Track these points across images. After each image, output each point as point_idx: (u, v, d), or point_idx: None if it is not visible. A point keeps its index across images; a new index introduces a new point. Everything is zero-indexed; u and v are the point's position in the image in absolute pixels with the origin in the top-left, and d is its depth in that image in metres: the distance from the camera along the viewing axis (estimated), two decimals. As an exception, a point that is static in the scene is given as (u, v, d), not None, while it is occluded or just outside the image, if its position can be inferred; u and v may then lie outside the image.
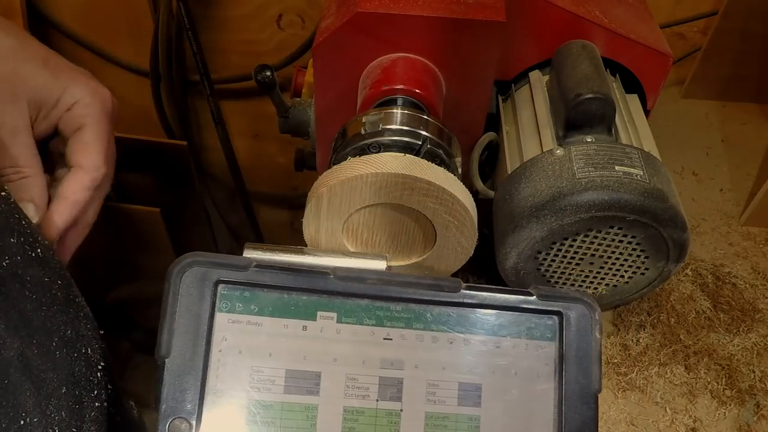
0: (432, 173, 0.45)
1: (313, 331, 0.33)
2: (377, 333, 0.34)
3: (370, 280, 0.34)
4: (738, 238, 0.74)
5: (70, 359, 0.38)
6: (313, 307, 0.33)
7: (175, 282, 0.31)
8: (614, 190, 0.52)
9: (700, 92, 0.94)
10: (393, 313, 0.34)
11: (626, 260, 0.57)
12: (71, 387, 0.37)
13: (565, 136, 0.58)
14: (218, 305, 0.32)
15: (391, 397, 0.33)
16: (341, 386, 0.33)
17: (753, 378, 0.61)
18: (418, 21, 0.59)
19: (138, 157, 1.21)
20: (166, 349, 0.31)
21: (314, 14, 1.03)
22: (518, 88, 0.69)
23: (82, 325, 0.40)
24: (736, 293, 0.68)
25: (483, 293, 0.35)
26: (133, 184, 1.26)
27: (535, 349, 0.35)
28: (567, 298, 0.35)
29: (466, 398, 0.34)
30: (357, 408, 0.33)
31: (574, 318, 0.35)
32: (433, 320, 0.35)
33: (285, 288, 0.33)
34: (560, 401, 0.34)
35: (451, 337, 0.35)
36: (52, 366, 0.36)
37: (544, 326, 0.35)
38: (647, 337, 0.63)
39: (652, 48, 0.64)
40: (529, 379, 0.35)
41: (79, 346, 0.39)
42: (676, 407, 0.59)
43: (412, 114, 0.56)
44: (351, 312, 0.34)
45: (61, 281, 0.40)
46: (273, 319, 0.33)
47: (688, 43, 0.96)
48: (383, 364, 0.34)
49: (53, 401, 0.35)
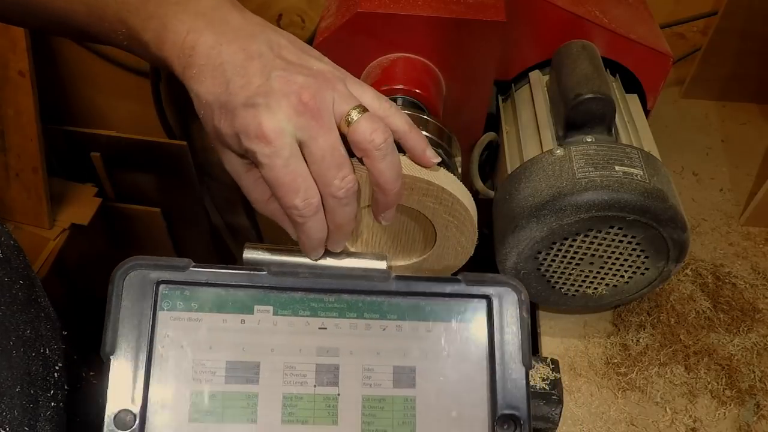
0: (431, 173, 0.45)
1: (251, 324, 0.35)
2: (312, 323, 0.36)
3: (303, 273, 0.36)
4: (738, 238, 0.74)
5: (27, 358, 0.38)
6: (249, 301, 0.35)
7: (118, 284, 0.34)
8: (614, 190, 0.52)
9: (700, 92, 0.94)
10: (327, 304, 0.36)
11: (626, 260, 0.57)
12: (26, 386, 0.37)
13: (565, 136, 0.58)
14: (160, 304, 0.34)
15: (328, 382, 0.35)
16: (280, 374, 0.35)
17: (753, 378, 0.61)
18: (418, 21, 0.59)
19: (138, 157, 1.21)
20: (110, 347, 0.33)
21: (314, 14, 1.03)
22: (518, 88, 0.69)
23: (42, 326, 0.41)
24: (736, 293, 0.67)
25: (412, 281, 0.37)
26: (133, 184, 1.27)
27: (466, 331, 0.37)
28: (494, 283, 0.37)
29: (401, 381, 0.36)
30: (296, 394, 0.34)
31: (502, 300, 0.37)
32: (366, 309, 0.36)
33: (222, 285, 0.35)
34: (492, 380, 0.36)
35: (384, 324, 0.36)
36: (7, 365, 0.36)
37: (473, 310, 0.37)
38: (647, 337, 0.63)
39: (652, 48, 0.64)
40: (461, 360, 0.36)
41: (38, 345, 0.39)
42: (676, 407, 0.59)
43: (412, 114, 0.56)
44: (286, 304, 0.36)
45: (23, 281, 0.40)
46: (212, 315, 0.35)
47: (688, 43, 0.96)
48: (319, 352, 0.35)
49: (5, 399, 0.35)
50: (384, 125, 0.40)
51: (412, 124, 0.43)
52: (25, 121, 0.98)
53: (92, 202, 1.15)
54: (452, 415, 0.35)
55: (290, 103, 0.37)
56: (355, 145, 0.40)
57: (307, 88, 0.38)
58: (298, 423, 0.34)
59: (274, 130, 0.37)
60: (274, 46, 0.40)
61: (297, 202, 0.38)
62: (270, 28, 0.41)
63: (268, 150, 0.37)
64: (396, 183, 0.41)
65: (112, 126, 1.23)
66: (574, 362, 0.62)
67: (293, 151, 0.38)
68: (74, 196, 1.15)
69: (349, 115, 0.39)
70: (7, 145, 1.00)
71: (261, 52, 0.39)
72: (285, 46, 0.40)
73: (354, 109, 0.39)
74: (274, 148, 0.37)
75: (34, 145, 1.00)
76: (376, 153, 0.39)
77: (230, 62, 0.38)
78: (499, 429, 0.35)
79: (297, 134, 0.38)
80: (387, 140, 0.40)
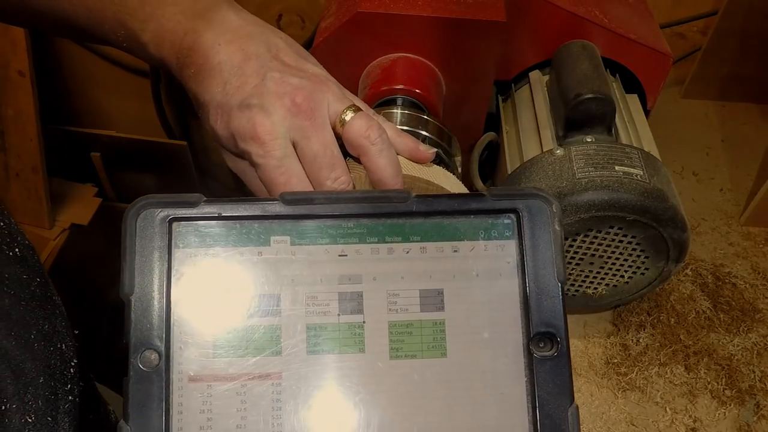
0: (431, 172, 0.45)
1: (268, 256, 0.34)
2: (332, 251, 0.34)
3: (318, 200, 0.35)
4: (738, 238, 0.74)
5: (47, 352, 0.39)
6: (265, 233, 0.34)
7: (130, 225, 0.33)
8: (614, 190, 0.52)
9: (700, 92, 0.94)
10: (345, 230, 0.35)
11: (626, 260, 0.57)
12: (47, 378, 0.38)
13: (565, 136, 0.58)
14: (174, 242, 0.33)
15: (352, 310, 0.34)
16: (302, 305, 0.34)
17: (753, 378, 0.61)
18: (418, 21, 0.59)
19: (138, 157, 1.21)
20: (129, 287, 0.32)
21: (314, 14, 1.03)
22: (518, 88, 0.69)
23: (58, 322, 0.41)
24: (736, 293, 0.67)
25: (434, 200, 0.35)
26: (133, 184, 1.27)
27: (495, 248, 0.35)
28: (522, 195, 0.35)
29: (428, 304, 0.34)
30: (319, 324, 0.34)
31: (532, 214, 0.35)
32: (387, 232, 0.35)
33: (236, 218, 0.34)
34: (525, 296, 0.34)
35: (407, 246, 0.35)
36: (30, 357, 0.37)
37: (501, 225, 0.35)
38: (647, 337, 0.63)
39: (652, 48, 0.64)
40: (491, 278, 0.35)
41: (55, 340, 0.40)
42: (676, 407, 0.59)
43: (411, 114, 0.56)
44: (303, 233, 0.34)
45: (40, 279, 0.41)
46: (228, 249, 0.34)
47: (688, 43, 0.96)
48: (341, 281, 0.34)
49: (31, 389, 0.36)
50: (377, 122, 0.40)
51: (399, 129, 0.44)
52: (25, 121, 0.98)
53: (92, 202, 1.15)
54: (484, 336, 0.34)
55: (284, 104, 0.38)
56: (350, 143, 0.40)
57: (301, 90, 0.38)
58: (324, 353, 0.33)
59: (268, 132, 0.37)
60: (272, 48, 0.40)
61: None
62: (268, 29, 0.42)
63: (262, 151, 0.38)
64: (397, 178, 0.41)
65: (112, 126, 1.23)
66: (574, 362, 0.62)
67: (287, 152, 0.38)
68: (74, 196, 1.15)
69: (344, 114, 0.39)
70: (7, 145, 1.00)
71: (258, 53, 0.39)
72: (282, 48, 0.40)
73: (348, 109, 0.40)
74: (267, 148, 0.37)
75: (34, 145, 1.00)
76: (373, 148, 0.39)
77: (228, 62, 0.39)
78: (535, 347, 0.33)
79: (291, 135, 0.38)
80: (382, 135, 0.40)
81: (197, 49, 0.39)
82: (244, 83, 0.38)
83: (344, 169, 0.39)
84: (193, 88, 0.40)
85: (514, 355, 0.34)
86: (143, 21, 0.41)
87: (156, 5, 0.41)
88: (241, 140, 0.38)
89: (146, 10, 0.41)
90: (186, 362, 0.32)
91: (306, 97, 0.38)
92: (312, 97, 0.38)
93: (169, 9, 0.40)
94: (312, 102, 0.38)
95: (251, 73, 0.38)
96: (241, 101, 0.38)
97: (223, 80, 0.39)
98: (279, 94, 0.38)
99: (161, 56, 0.41)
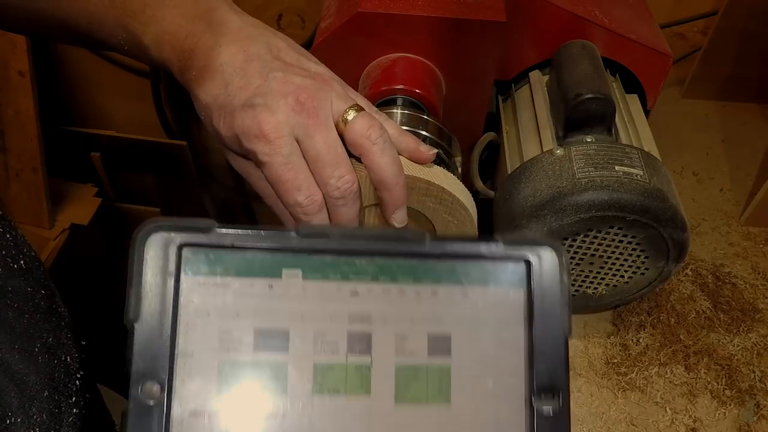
0: (431, 173, 0.45)
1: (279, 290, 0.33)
2: (343, 288, 0.34)
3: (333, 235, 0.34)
4: (738, 238, 0.74)
5: (51, 365, 0.38)
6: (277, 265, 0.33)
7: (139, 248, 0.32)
8: (614, 190, 0.52)
9: (700, 92, 0.94)
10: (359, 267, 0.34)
11: (626, 260, 0.57)
12: (52, 392, 0.38)
13: (565, 136, 0.58)
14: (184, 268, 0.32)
15: (360, 351, 0.33)
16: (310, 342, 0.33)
17: (753, 378, 0.61)
18: (418, 21, 0.59)
19: (138, 157, 1.21)
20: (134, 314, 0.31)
21: (314, 14, 1.03)
22: (518, 88, 0.69)
23: (63, 334, 0.41)
24: (736, 293, 0.67)
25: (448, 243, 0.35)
26: (133, 184, 1.27)
27: (504, 296, 0.35)
28: (534, 243, 0.35)
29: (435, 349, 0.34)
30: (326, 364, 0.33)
31: (542, 263, 0.35)
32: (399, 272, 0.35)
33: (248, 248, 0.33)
34: (530, 347, 0.34)
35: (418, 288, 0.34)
36: (34, 370, 0.36)
37: (511, 273, 0.35)
38: (647, 337, 0.63)
39: (652, 48, 0.64)
40: (498, 326, 0.34)
41: (60, 353, 0.40)
42: (676, 407, 0.59)
43: (411, 114, 0.56)
44: (316, 268, 0.34)
45: (45, 291, 0.40)
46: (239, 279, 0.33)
47: (688, 43, 0.96)
48: (351, 320, 0.34)
49: (36, 403, 0.36)
50: (379, 122, 0.40)
51: (401, 128, 0.43)
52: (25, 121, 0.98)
53: (92, 202, 1.15)
54: (488, 385, 0.34)
55: (288, 103, 0.38)
56: (352, 142, 0.40)
57: (305, 89, 0.38)
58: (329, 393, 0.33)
59: (274, 129, 0.37)
60: (273, 48, 0.40)
61: (300, 199, 0.38)
62: (268, 30, 0.42)
63: (268, 149, 0.37)
64: (399, 178, 0.41)
65: (112, 126, 1.23)
66: (574, 362, 0.62)
67: (293, 149, 0.38)
68: (74, 196, 1.15)
69: (346, 113, 0.39)
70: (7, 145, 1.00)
71: (260, 53, 0.39)
72: (283, 48, 0.40)
73: (351, 108, 0.39)
74: (274, 146, 0.37)
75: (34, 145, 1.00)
76: (374, 148, 0.39)
77: (229, 64, 0.39)
78: (537, 400, 0.33)
79: (295, 133, 0.38)
80: (383, 135, 0.40)
81: (198, 51, 0.39)
82: (247, 83, 0.38)
83: (348, 168, 0.39)
84: (195, 91, 0.40)
85: (516, 407, 0.33)
86: (144, 24, 0.41)
87: (157, 8, 0.41)
88: (246, 140, 0.38)
89: (147, 13, 0.41)
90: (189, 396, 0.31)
91: (310, 96, 0.38)
92: (315, 96, 0.38)
93: (170, 11, 0.40)
94: (316, 101, 0.38)
95: (254, 73, 0.38)
96: (245, 101, 0.38)
97: (225, 81, 0.39)
98: (283, 93, 0.38)
99: (163, 59, 0.41)
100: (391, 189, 0.41)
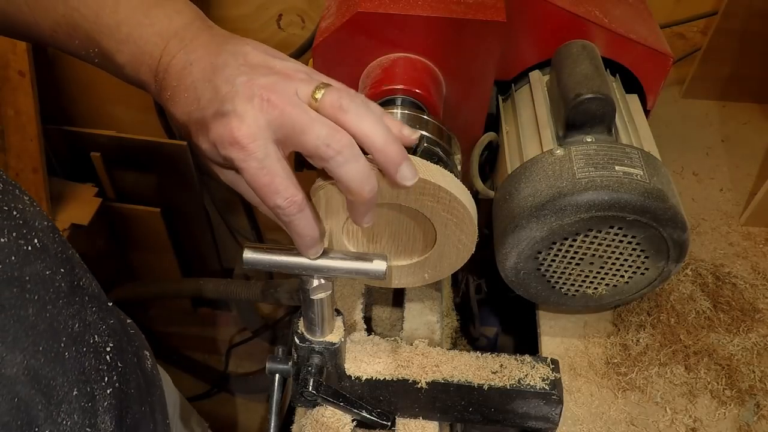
0: (428, 172, 0.45)
1: None
2: None
3: None
4: (738, 238, 0.74)
5: (79, 356, 0.37)
6: None
7: None
8: (614, 190, 0.52)
9: (700, 92, 0.94)
10: None
11: (626, 260, 0.57)
12: (82, 385, 0.37)
13: (565, 136, 0.58)
14: None
15: None
16: None
17: (753, 378, 0.61)
18: (418, 21, 0.59)
19: (138, 157, 1.21)
20: None
21: (314, 14, 1.03)
22: (518, 88, 0.69)
23: (88, 311, 0.40)
24: (736, 293, 0.67)
25: None
26: (133, 184, 1.27)
27: None
28: None
29: None
30: None
31: None
32: None
33: None
34: None
35: None
36: (62, 370, 0.35)
37: None
38: (647, 337, 0.63)
39: (652, 48, 0.64)
40: None
41: (87, 336, 0.39)
42: (676, 407, 0.59)
43: (411, 114, 0.56)
44: None
45: (64, 268, 0.39)
46: None
47: (688, 43, 0.96)
48: None
49: (64, 407, 0.35)
50: (352, 91, 0.40)
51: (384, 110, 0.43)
52: (25, 121, 0.98)
53: (92, 202, 1.15)
54: None
55: (254, 105, 0.38)
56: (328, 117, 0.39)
57: (268, 87, 0.38)
58: None
59: (246, 135, 0.37)
60: (239, 55, 0.40)
61: (279, 202, 0.38)
62: (235, 39, 0.42)
63: (243, 154, 0.38)
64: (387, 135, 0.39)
65: (112, 126, 1.23)
66: (574, 362, 0.62)
67: (268, 152, 0.38)
68: (74, 196, 1.15)
69: (315, 94, 0.39)
70: (7, 145, 1.00)
71: (227, 62, 0.39)
72: (248, 53, 0.40)
73: (317, 89, 0.39)
74: (247, 151, 0.37)
75: (34, 145, 1.00)
76: (349, 114, 0.39)
77: (200, 80, 0.39)
78: None
79: (271, 130, 0.38)
80: (356, 100, 0.39)
81: (171, 71, 0.40)
82: (216, 94, 0.38)
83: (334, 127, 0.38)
84: (171, 110, 0.41)
85: None
86: (119, 42, 0.41)
87: (133, 26, 0.41)
88: (222, 148, 0.38)
89: (123, 31, 0.41)
90: None
91: (274, 92, 0.38)
92: (280, 90, 0.38)
93: (146, 30, 0.41)
94: (281, 95, 0.38)
95: (221, 82, 0.39)
96: (216, 111, 0.38)
97: (197, 96, 0.39)
98: (248, 96, 0.38)
99: (140, 80, 0.42)
100: (383, 148, 0.39)
